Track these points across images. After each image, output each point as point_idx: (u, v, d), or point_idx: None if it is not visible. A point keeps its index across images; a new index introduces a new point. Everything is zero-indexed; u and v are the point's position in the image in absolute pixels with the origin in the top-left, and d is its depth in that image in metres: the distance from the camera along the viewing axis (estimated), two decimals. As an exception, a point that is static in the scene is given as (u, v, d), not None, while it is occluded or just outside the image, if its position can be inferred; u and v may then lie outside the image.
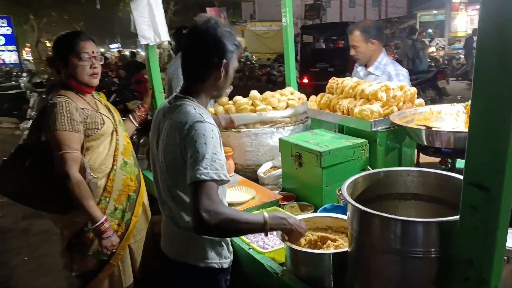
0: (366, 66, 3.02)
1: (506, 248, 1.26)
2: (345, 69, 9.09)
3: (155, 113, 1.70)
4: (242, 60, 18.53)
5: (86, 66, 1.99)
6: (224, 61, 1.50)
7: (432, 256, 1.03)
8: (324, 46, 13.29)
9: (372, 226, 1.10)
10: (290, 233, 1.44)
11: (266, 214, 1.40)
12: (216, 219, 1.30)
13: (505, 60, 0.79)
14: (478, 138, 0.86)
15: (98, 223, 1.89)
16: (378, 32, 2.94)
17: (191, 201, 1.36)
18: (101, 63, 2.08)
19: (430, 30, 24.63)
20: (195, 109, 1.48)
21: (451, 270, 0.99)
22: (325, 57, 11.40)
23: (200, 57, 1.51)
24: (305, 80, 11.04)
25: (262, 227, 1.39)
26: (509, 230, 1.35)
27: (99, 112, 2.05)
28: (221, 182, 1.39)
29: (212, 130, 1.42)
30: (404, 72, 2.93)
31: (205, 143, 1.37)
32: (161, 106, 1.66)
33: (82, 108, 1.97)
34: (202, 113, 1.47)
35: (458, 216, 0.94)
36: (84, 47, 1.98)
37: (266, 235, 1.44)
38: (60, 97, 1.93)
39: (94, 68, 2.02)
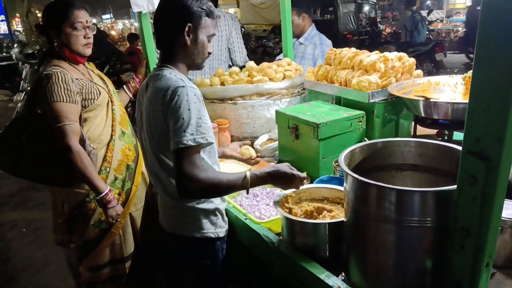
0: (298, 37, 3.43)
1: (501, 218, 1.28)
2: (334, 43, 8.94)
3: (141, 85, 1.68)
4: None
5: (80, 36, 1.96)
6: (189, 24, 1.48)
7: (428, 225, 1.04)
8: (320, 18, 12.86)
9: (368, 196, 1.09)
10: (276, 180, 1.48)
11: (248, 174, 1.44)
12: (199, 185, 1.36)
13: (507, 30, 0.77)
14: (479, 107, 0.85)
15: (102, 194, 1.90)
16: (308, 8, 3.52)
17: (175, 167, 1.39)
18: (94, 33, 2.03)
19: (428, 2, 24.20)
20: (175, 75, 1.48)
21: (447, 240, 1.00)
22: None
23: (165, 23, 1.51)
24: None
25: (244, 186, 1.44)
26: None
27: (94, 83, 2.02)
28: (207, 145, 1.43)
29: (195, 95, 1.42)
30: (328, 42, 3.42)
31: (189, 109, 1.38)
32: (146, 78, 1.65)
33: (77, 79, 1.93)
34: (183, 79, 1.46)
35: (455, 186, 0.94)
36: (78, 16, 1.94)
37: (248, 192, 1.49)
38: (54, 67, 1.88)
39: (88, 38, 1.99)
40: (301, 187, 1.61)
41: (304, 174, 1.51)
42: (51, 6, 1.98)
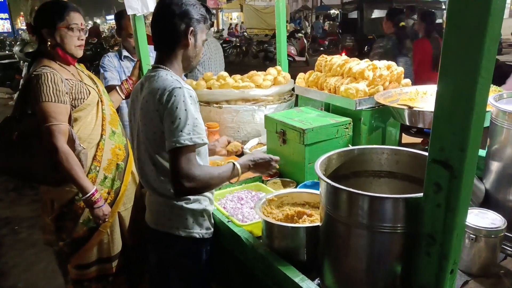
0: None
1: (474, 227, 1.30)
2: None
3: (134, 86, 1.72)
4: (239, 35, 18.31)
5: (75, 37, 2.00)
6: (191, 28, 1.54)
7: (398, 231, 1.06)
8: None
9: (341, 201, 1.11)
10: (257, 167, 1.67)
11: (237, 164, 1.58)
12: (196, 182, 1.42)
13: (469, 43, 0.80)
14: (443, 117, 0.87)
15: (88, 194, 1.90)
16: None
17: (172, 166, 1.43)
18: (86, 36, 2.08)
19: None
20: (171, 76, 1.52)
21: (415, 246, 1.02)
22: None
23: (166, 25, 1.54)
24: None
25: (234, 176, 1.58)
26: (478, 210, 1.39)
27: (84, 83, 2.05)
28: (201, 145, 1.46)
29: (191, 96, 1.46)
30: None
31: (185, 109, 1.42)
32: (141, 79, 1.69)
33: (66, 79, 1.96)
34: (179, 80, 1.51)
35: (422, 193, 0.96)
36: (74, 18, 2.00)
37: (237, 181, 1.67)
38: (44, 68, 1.91)
39: (81, 40, 2.04)
40: (284, 191, 1.65)
41: (277, 158, 1.71)
42: (47, 5, 2.02)
